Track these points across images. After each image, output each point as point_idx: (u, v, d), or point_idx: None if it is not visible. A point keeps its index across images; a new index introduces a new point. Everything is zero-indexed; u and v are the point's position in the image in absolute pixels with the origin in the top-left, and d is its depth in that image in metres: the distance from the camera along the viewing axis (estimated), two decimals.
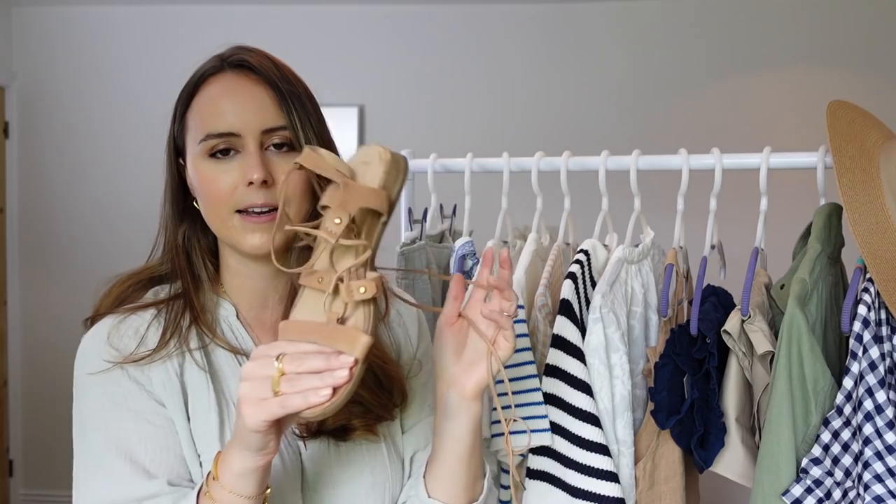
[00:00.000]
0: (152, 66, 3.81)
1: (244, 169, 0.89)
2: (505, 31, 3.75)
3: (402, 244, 1.57)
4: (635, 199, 1.43)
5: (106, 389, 0.90)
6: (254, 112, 0.91)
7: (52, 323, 3.80)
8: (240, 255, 0.96)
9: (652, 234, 1.47)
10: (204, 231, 0.98)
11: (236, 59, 0.94)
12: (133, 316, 0.95)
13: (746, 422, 1.34)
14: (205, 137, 0.91)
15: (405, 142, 2.13)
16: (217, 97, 0.92)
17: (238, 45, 0.96)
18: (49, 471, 3.83)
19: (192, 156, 0.93)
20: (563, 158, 1.48)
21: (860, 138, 1.24)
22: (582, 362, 1.27)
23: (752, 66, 3.60)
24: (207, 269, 0.98)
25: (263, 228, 0.90)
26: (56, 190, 3.87)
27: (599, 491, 1.24)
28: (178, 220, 0.98)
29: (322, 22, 3.76)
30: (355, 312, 0.75)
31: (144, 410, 0.90)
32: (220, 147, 0.90)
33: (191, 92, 0.94)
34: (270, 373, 0.73)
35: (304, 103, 0.93)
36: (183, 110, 0.95)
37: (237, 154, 0.91)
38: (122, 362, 0.90)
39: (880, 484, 1.16)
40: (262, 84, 0.92)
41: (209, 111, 0.92)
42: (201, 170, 0.92)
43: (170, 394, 0.91)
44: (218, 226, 0.93)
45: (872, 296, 1.17)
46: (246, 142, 0.90)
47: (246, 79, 0.93)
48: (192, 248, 0.98)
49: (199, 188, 0.93)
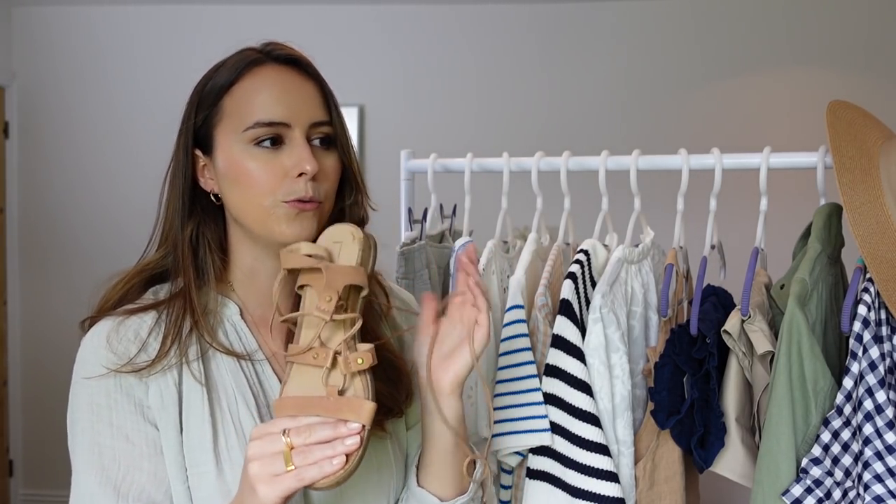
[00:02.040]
0: (152, 65, 3.81)
1: (295, 159, 0.90)
2: (505, 31, 3.75)
3: (402, 244, 1.57)
4: (635, 199, 1.43)
5: (92, 399, 0.89)
6: (304, 104, 0.92)
7: (52, 323, 3.80)
8: (257, 251, 0.95)
9: (652, 234, 1.47)
10: (215, 225, 0.98)
11: (283, 54, 0.95)
12: (133, 318, 0.93)
13: (746, 422, 1.34)
14: (253, 125, 0.90)
15: (405, 142, 2.14)
16: (265, 87, 0.92)
17: (272, 41, 0.97)
18: (49, 471, 3.83)
19: (229, 143, 0.92)
20: (563, 158, 1.48)
21: (860, 138, 1.24)
22: (582, 362, 1.27)
23: (752, 66, 3.61)
24: (215, 264, 0.97)
25: (306, 217, 0.91)
26: (56, 190, 3.88)
27: (599, 491, 1.24)
28: (187, 214, 0.96)
29: (322, 22, 3.77)
30: (353, 382, 0.79)
31: (125, 426, 0.88)
32: (268, 136, 0.90)
33: (230, 81, 0.93)
34: (280, 448, 0.75)
35: (337, 103, 0.97)
36: (216, 99, 0.94)
37: (282, 145, 0.91)
38: (120, 370, 0.88)
39: (880, 484, 1.16)
40: (309, 80, 0.95)
41: (258, 99, 0.91)
42: (244, 158, 0.91)
43: (166, 404, 0.89)
44: (255, 214, 0.91)
45: (872, 296, 1.17)
46: (294, 133, 0.91)
47: (294, 72, 0.94)
48: (200, 242, 0.96)
49: (238, 176, 0.91)
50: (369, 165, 3.72)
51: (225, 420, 0.90)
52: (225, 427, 0.90)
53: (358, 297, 0.84)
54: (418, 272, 1.55)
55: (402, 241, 1.60)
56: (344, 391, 0.78)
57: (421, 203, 1.68)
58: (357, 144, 3.74)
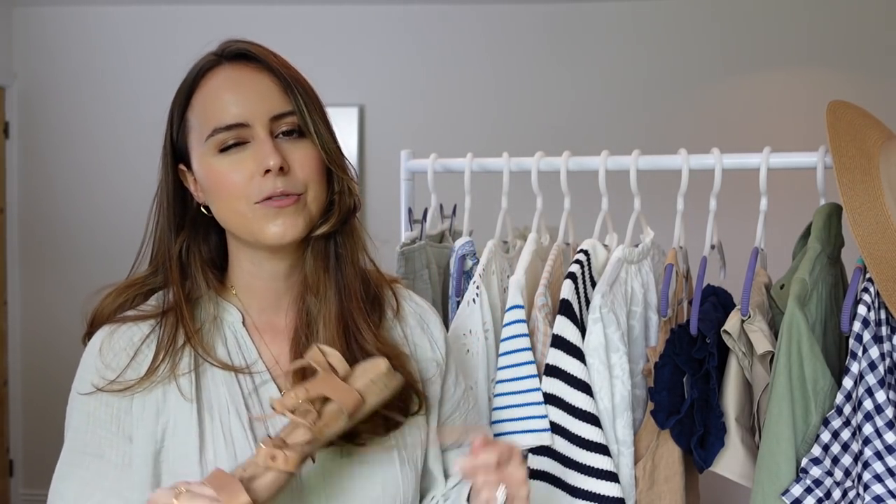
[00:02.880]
0: (152, 65, 3.80)
1: (258, 158, 0.88)
2: (504, 31, 3.75)
3: (402, 244, 1.57)
4: (635, 199, 1.43)
5: (79, 409, 0.90)
6: (260, 100, 0.90)
7: (52, 323, 3.80)
8: (254, 255, 0.94)
9: (652, 234, 1.47)
10: (205, 239, 0.97)
11: (234, 50, 0.92)
12: (129, 325, 0.92)
13: (746, 422, 1.34)
14: (212, 133, 0.89)
15: (405, 142, 2.13)
16: (219, 90, 0.90)
17: (230, 39, 0.94)
18: (49, 471, 3.79)
19: (199, 155, 0.91)
20: (563, 158, 1.48)
21: (860, 138, 1.24)
22: (582, 362, 1.27)
23: (752, 66, 3.60)
24: (208, 279, 0.95)
25: (286, 213, 0.89)
26: (56, 190, 3.87)
27: (599, 491, 1.24)
28: (175, 231, 0.95)
29: (322, 22, 3.76)
30: (265, 476, 0.78)
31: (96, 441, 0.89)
32: (230, 141, 0.89)
33: (189, 90, 0.92)
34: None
35: (305, 88, 0.93)
36: (182, 111, 0.93)
37: (247, 145, 0.89)
38: (105, 389, 0.88)
39: (880, 484, 1.16)
40: (263, 72, 0.91)
41: (213, 105, 0.90)
42: (213, 167, 0.90)
43: (146, 414, 0.89)
44: (237, 221, 0.91)
45: (872, 296, 1.17)
46: (256, 131, 0.89)
47: (246, 68, 0.91)
48: (190, 259, 0.95)
49: (212, 186, 0.90)
50: (369, 165, 3.72)
51: (215, 431, 0.89)
52: (214, 438, 0.89)
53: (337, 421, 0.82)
54: (418, 272, 1.56)
55: (402, 241, 1.60)
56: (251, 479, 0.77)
57: (421, 203, 1.68)
58: (357, 144, 3.74)
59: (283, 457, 0.77)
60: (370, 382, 0.83)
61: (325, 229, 0.93)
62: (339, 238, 0.96)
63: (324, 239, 0.95)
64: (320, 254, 0.96)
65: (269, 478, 0.78)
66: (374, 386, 0.83)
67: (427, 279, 1.56)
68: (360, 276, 0.98)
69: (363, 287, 0.98)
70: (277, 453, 0.77)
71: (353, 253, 0.97)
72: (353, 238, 0.98)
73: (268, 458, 0.77)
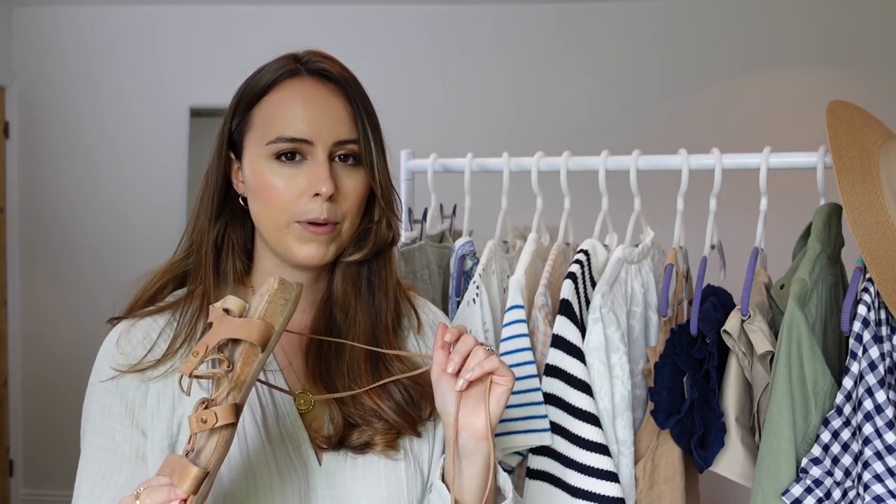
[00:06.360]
0: (152, 65, 3.81)
1: (312, 179, 0.89)
2: (504, 31, 3.75)
3: (402, 244, 1.57)
4: (635, 199, 1.43)
5: (96, 402, 0.91)
6: (328, 122, 0.90)
7: (52, 323, 3.80)
8: (277, 260, 0.95)
9: (652, 234, 1.47)
10: (242, 228, 0.97)
11: (316, 67, 0.93)
12: (146, 320, 0.93)
13: (746, 422, 1.34)
14: (275, 140, 0.90)
15: (405, 142, 2.13)
16: (293, 101, 0.91)
17: (315, 51, 0.95)
18: (49, 471, 3.82)
19: (253, 154, 0.92)
20: (563, 158, 1.48)
21: (860, 138, 1.24)
22: (582, 362, 1.27)
23: (752, 66, 3.60)
24: (236, 269, 0.96)
25: (320, 240, 0.90)
26: (56, 190, 3.87)
27: (599, 491, 1.24)
28: (215, 216, 0.95)
29: (322, 22, 3.76)
30: (208, 442, 0.76)
31: (113, 427, 0.89)
32: (289, 151, 0.90)
33: (263, 90, 0.93)
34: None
35: (374, 119, 0.94)
36: (249, 106, 0.94)
37: (304, 161, 0.90)
38: (126, 371, 0.89)
39: (880, 484, 1.16)
40: (339, 95, 0.93)
41: (283, 114, 0.90)
42: (264, 171, 0.90)
43: (161, 407, 0.89)
44: (271, 230, 0.92)
45: (872, 296, 1.17)
46: (316, 151, 0.90)
47: (324, 87, 0.92)
48: (225, 244, 0.96)
49: (259, 189, 0.91)
50: None
51: None
52: None
53: (254, 355, 0.79)
54: (418, 272, 1.56)
55: (402, 241, 1.60)
56: (199, 452, 0.76)
57: (421, 203, 1.68)
58: None
59: (212, 415, 0.75)
60: (267, 305, 0.80)
61: (356, 258, 0.95)
62: (373, 265, 0.98)
63: (356, 264, 0.97)
64: (350, 276, 0.97)
65: (212, 442, 0.76)
66: (273, 306, 0.80)
67: (427, 279, 1.56)
68: (393, 305, 0.99)
69: (395, 314, 0.99)
70: (206, 414, 0.76)
71: (388, 282, 0.99)
72: (389, 268, 0.99)
73: (199, 424, 0.76)
